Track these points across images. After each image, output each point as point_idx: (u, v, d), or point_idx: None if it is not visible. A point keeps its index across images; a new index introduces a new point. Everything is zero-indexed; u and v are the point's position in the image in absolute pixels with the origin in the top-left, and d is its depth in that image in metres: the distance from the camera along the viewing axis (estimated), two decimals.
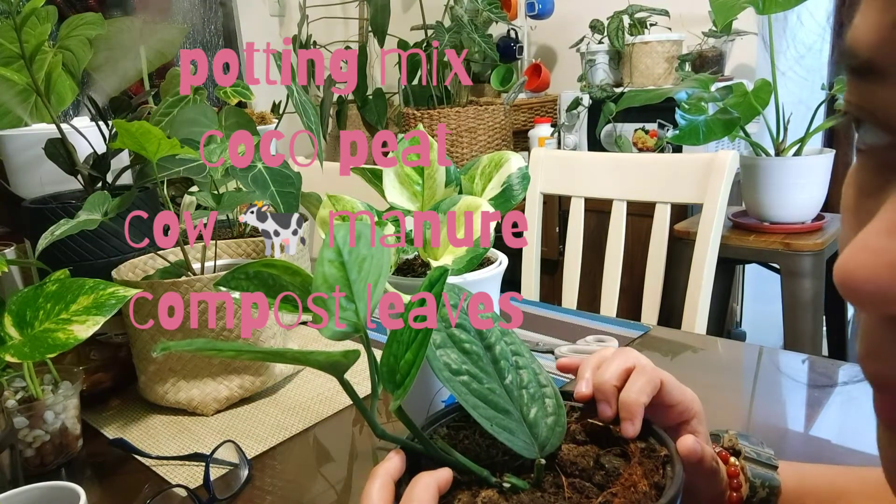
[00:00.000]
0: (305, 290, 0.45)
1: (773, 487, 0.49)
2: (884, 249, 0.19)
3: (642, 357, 0.46)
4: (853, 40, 0.21)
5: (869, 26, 0.21)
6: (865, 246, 0.19)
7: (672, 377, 0.45)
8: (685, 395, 0.46)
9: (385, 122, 2.81)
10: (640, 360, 0.46)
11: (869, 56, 0.21)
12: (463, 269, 0.56)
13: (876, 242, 0.19)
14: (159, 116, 1.03)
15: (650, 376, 0.44)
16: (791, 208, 1.54)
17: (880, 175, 0.22)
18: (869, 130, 0.23)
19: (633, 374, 0.44)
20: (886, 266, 0.19)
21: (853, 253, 0.19)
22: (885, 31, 0.20)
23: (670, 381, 0.45)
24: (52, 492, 0.56)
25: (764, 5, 1.36)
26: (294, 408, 0.81)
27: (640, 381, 0.43)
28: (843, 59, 0.22)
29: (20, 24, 0.82)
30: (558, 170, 1.41)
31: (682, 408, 0.45)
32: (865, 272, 0.19)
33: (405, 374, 0.38)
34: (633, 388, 0.43)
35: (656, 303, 1.26)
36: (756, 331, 2.27)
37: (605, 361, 0.46)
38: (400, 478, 0.40)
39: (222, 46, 2.89)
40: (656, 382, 0.44)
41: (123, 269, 0.86)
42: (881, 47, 0.20)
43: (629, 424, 0.42)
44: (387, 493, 0.38)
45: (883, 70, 0.21)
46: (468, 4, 2.20)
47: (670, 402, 0.45)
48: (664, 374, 0.45)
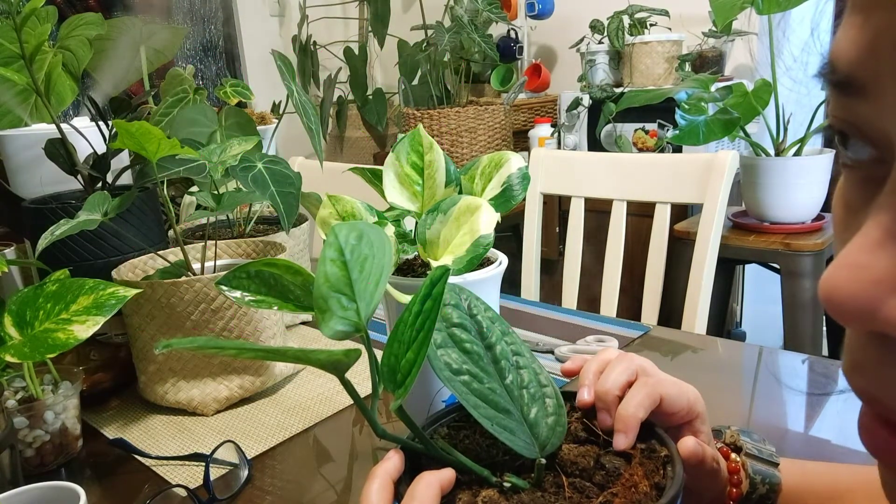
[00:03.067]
0: (307, 289, 0.45)
1: (773, 484, 0.49)
2: (866, 266, 0.19)
3: (646, 363, 0.46)
4: (834, 55, 0.22)
5: (849, 42, 0.21)
6: (848, 262, 0.19)
7: (673, 387, 0.45)
8: (686, 400, 0.45)
9: (385, 122, 2.81)
10: (645, 368, 0.46)
11: (849, 71, 0.21)
12: (463, 269, 0.56)
13: (858, 259, 0.19)
14: (159, 116, 1.03)
15: (650, 391, 0.43)
16: (791, 208, 1.54)
17: (865, 190, 0.22)
18: (854, 145, 0.23)
19: (634, 386, 0.44)
20: (869, 283, 0.19)
21: (836, 269, 0.19)
22: (865, 48, 0.20)
23: (670, 395, 0.44)
24: (52, 492, 0.56)
25: (764, 5, 1.36)
26: (294, 408, 0.81)
27: (640, 395, 0.43)
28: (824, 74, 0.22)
29: (20, 24, 0.82)
30: (558, 170, 1.41)
31: (683, 413, 0.45)
32: (848, 289, 0.19)
33: (406, 373, 0.38)
34: (631, 401, 0.42)
35: (656, 303, 1.26)
36: (756, 331, 2.27)
37: (608, 367, 0.46)
38: (399, 477, 0.40)
39: (222, 46, 2.89)
40: (655, 398, 0.43)
41: (123, 269, 0.86)
42: (861, 63, 0.20)
43: (622, 437, 0.42)
44: (386, 494, 0.38)
45: (864, 85, 0.21)
46: (468, 4, 2.20)
47: (671, 412, 0.45)
48: (664, 388, 0.44)
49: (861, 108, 0.21)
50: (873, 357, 0.20)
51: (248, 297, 0.45)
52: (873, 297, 0.19)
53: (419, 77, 2.55)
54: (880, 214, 0.20)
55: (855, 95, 0.21)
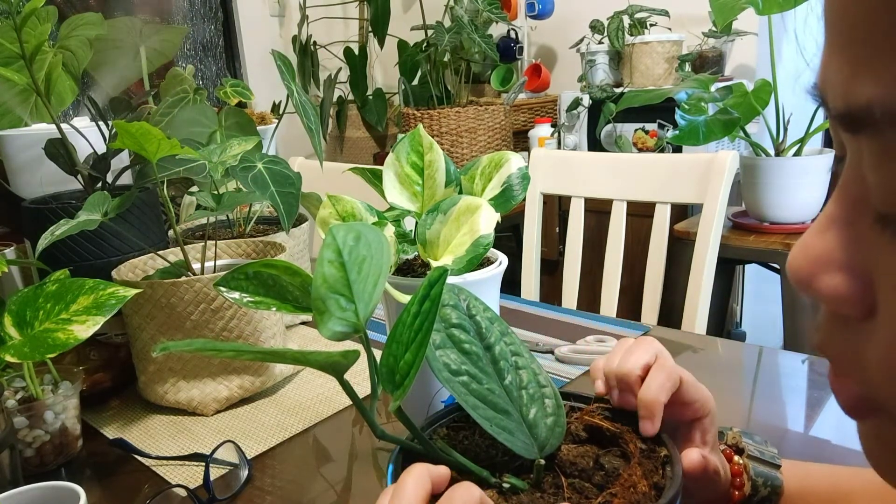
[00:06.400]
0: (305, 290, 0.45)
1: (775, 486, 0.49)
2: (810, 245, 0.23)
3: (663, 350, 0.46)
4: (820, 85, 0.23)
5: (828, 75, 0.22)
6: (801, 242, 0.24)
7: (690, 374, 0.45)
8: (701, 393, 0.45)
9: (385, 123, 2.81)
10: (662, 352, 0.46)
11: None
12: (463, 270, 0.56)
13: (806, 239, 0.23)
14: (159, 116, 1.03)
15: (670, 373, 0.43)
16: (791, 208, 1.54)
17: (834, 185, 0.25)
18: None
19: (654, 368, 0.44)
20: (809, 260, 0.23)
21: (795, 247, 0.24)
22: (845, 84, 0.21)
23: (689, 379, 0.44)
24: (52, 492, 0.56)
25: (764, 5, 1.36)
26: (294, 408, 0.81)
27: (660, 377, 0.43)
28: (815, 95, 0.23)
29: (20, 24, 0.82)
30: (558, 170, 1.41)
31: (698, 405, 0.45)
32: (796, 263, 0.23)
33: (405, 374, 0.38)
34: (652, 384, 0.42)
35: (656, 303, 1.26)
36: (756, 331, 2.27)
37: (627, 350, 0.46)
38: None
39: (222, 46, 2.89)
40: (676, 379, 0.43)
41: (123, 269, 0.86)
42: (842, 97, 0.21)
43: (648, 423, 0.42)
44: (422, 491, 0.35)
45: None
46: (468, 4, 2.19)
47: (688, 400, 0.45)
48: (683, 372, 0.44)
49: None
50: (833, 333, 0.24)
51: (247, 298, 0.45)
52: (810, 272, 0.23)
53: (419, 77, 2.55)
54: (830, 204, 0.23)
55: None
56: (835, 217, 0.23)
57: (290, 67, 0.88)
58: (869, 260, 0.21)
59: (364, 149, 2.87)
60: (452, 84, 2.34)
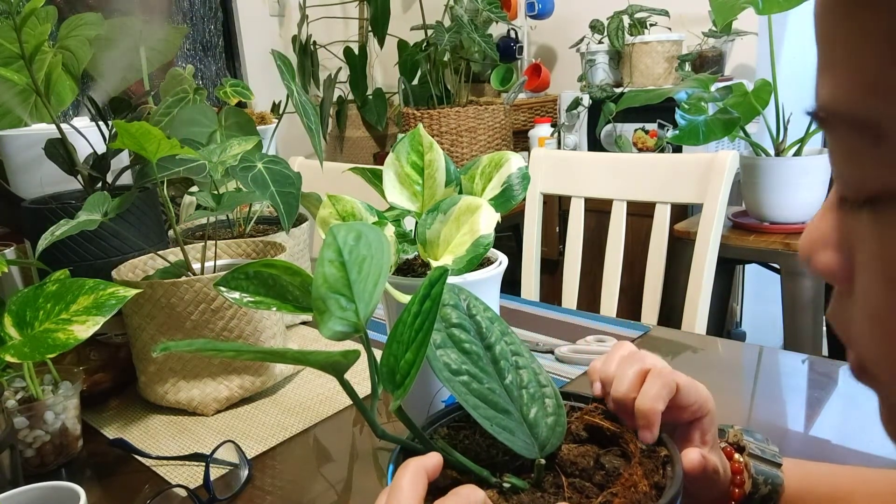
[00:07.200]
0: (305, 290, 0.45)
1: (775, 485, 0.49)
2: (814, 228, 0.26)
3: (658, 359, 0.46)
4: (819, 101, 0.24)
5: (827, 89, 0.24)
6: (808, 225, 0.27)
7: (686, 378, 0.45)
8: (700, 394, 0.45)
9: (385, 122, 2.81)
10: (656, 362, 0.46)
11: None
12: (463, 269, 0.56)
13: (811, 222, 0.27)
14: (159, 116, 1.03)
15: (666, 380, 0.43)
16: (791, 208, 1.54)
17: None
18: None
19: (649, 378, 0.44)
20: (810, 240, 0.26)
21: (805, 229, 0.27)
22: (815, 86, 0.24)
23: (685, 383, 0.44)
24: (52, 492, 0.56)
25: (764, 5, 1.36)
26: (294, 408, 0.81)
27: (656, 386, 0.43)
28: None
29: (20, 25, 0.82)
30: (558, 170, 1.41)
31: (696, 407, 0.45)
32: (802, 243, 0.27)
33: (405, 374, 0.38)
34: (648, 394, 0.42)
35: (656, 303, 1.26)
36: (756, 331, 2.27)
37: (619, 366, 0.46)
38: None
39: (222, 46, 2.89)
40: (672, 386, 0.43)
41: (123, 269, 0.86)
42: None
43: (647, 433, 0.42)
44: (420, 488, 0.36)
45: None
46: (468, 4, 2.19)
47: (685, 404, 0.45)
48: (679, 377, 0.44)
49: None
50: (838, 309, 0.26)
51: (247, 298, 0.45)
52: (809, 250, 0.26)
53: (419, 77, 2.54)
54: (830, 193, 0.26)
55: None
56: (831, 201, 0.26)
57: (289, 67, 0.88)
58: (851, 238, 0.24)
59: (364, 148, 2.87)
60: (452, 84, 2.34)
